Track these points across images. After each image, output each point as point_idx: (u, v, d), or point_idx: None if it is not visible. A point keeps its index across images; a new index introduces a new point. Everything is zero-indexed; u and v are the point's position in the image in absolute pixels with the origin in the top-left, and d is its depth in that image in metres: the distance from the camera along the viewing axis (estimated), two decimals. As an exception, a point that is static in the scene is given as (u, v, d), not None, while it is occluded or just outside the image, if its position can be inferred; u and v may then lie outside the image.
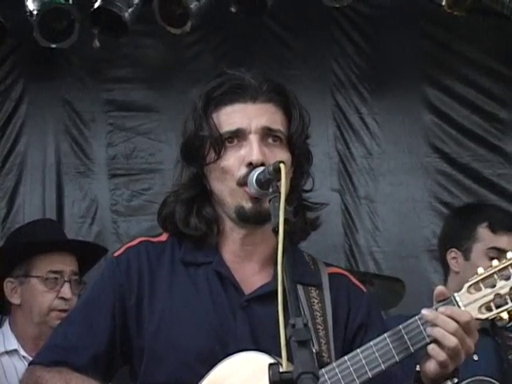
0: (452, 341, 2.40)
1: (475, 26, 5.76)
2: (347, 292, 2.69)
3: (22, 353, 4.08)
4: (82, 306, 2.69)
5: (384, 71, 5.82)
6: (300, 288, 2.55)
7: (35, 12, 5.06)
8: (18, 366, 4.04)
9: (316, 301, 2.62)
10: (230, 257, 2.64)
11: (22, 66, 5.52)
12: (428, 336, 2.44)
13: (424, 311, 2.47)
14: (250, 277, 2.63)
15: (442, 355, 2.41)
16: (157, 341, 2.54)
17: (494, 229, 4.31)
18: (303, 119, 2.67)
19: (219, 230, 2.65)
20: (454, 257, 4.35)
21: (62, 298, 4.16)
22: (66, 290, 4.17)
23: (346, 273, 2.79)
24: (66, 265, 4.20)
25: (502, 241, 4.29)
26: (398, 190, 5.71)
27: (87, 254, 4.34)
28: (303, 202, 2.69)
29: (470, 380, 3.88)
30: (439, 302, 2.50)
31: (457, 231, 4.40)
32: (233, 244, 2.64)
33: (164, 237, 2.70)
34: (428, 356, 2.44)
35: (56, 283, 4.17)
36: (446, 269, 4.38)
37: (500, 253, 4.25)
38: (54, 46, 5.18)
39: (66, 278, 4.18)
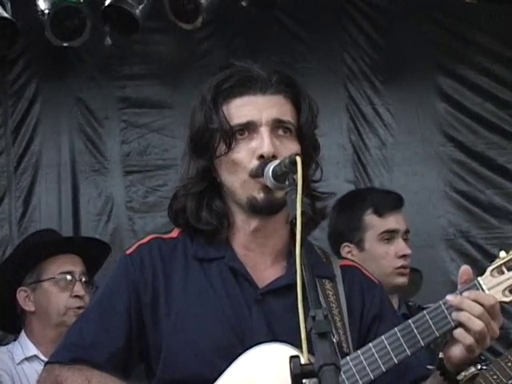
0: (478, 324, 2.41)
1: (487, 14, 5.73)
2: (360, 284, 2.70)
3: (42, 357, 4.10)
4: (97, 304, 2.67)
5: (396, 61, 5.80)
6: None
7: (47, 11, 5.07)
8: (40, 370, 4.05)
9: (331, 293, 2.62)
10: (242, 250, 2.64)
11: (35, 65, 5.53)
12: (453, 320, 2.45)
13: (449, 296, 2.47)
14: (263, 270, 2.62)
15: (468, 339, 2.42)
16: (174, 338, 2.53)
17: (380, 213, 4.26)
18: (312, 110, 2.66)
19: (229, 224, 2.64)
20: (348, 251, 4.30)
21: (77, 296, 4.22)
22: (79, 288, 4.23)
23: (357, 265, 2.80)
24: (75, 265, 4.29)
25: (390, 222, 4.26)
26: (413, 180, 5.68)
27: (92, 253, 4.39)
28: (312, 191, 2.68)
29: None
30: (463, 283, 2.50)
31: (344, 225, 4.32)
32: (244, 237, 2.63)
33: (175, 233, 2.70)
34: (454, 341, 2.45)
35: (68, 283, 4.25)
36: None
37: (392, 233, 4.25)
38: (66, 44, 5.19)
39: (77, 278, 4.26)
